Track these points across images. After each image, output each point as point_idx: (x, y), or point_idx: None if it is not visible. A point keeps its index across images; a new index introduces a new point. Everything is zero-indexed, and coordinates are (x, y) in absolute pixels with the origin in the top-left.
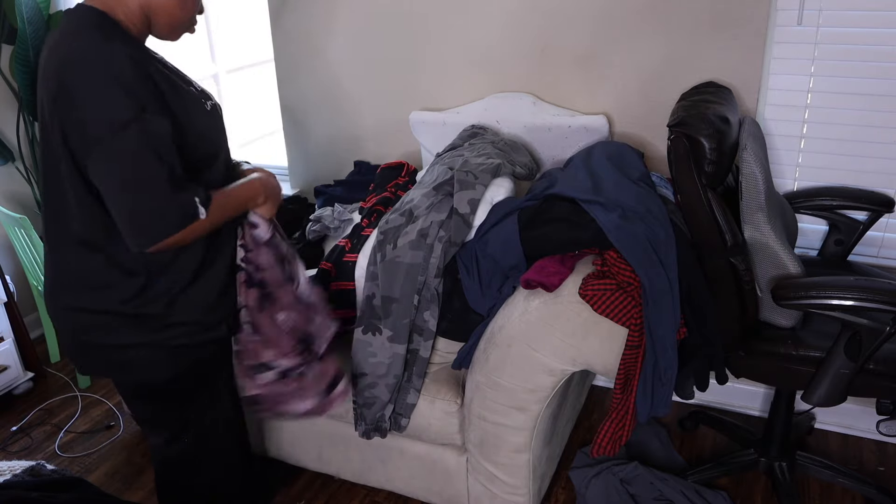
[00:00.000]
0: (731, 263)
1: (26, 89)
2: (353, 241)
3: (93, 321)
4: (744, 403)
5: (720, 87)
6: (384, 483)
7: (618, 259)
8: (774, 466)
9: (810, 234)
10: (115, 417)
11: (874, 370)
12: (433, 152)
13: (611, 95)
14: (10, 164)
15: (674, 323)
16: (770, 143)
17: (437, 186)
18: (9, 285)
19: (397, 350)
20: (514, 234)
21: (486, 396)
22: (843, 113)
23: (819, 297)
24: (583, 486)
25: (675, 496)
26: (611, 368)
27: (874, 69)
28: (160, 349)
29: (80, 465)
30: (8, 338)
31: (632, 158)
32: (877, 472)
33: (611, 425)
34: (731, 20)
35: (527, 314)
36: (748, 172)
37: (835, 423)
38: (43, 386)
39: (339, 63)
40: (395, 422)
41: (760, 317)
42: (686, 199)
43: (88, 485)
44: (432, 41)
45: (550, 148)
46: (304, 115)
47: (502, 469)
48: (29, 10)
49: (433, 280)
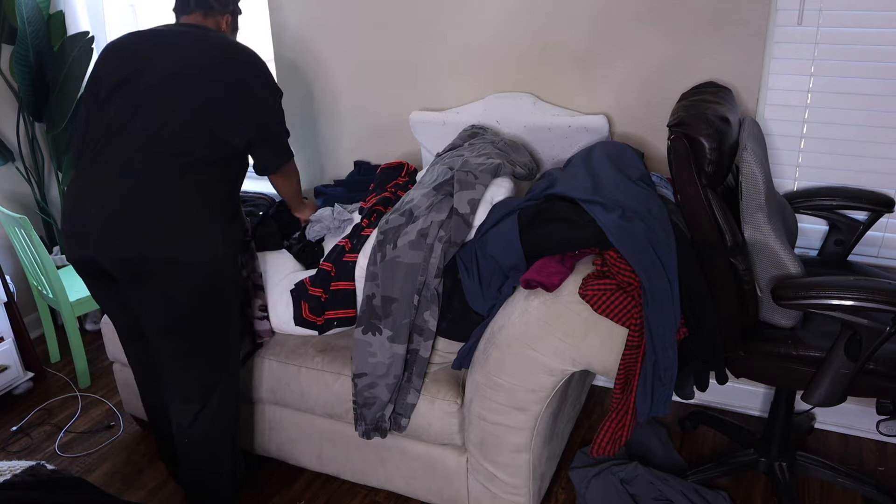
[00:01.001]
0: (731, 263)
1: (26, 89)
2: (353, 241)
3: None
4: (744, 403)
5: (720, 87)
6: (384, 483)
7: (618, 259)
8: (774, 466)
9: (810, 234)
10: (115, 417)
11: (874, 370)
12: (433, 152)
13: (611, 95)
14: (10, 164)
15: (674, 323)
16: (770, 143)
17: (437, 186)
18: (9, 285)
19: (397, 350)
20: (514, 234)
21: (486, 396)
22: (843, 113)
23: (819, 297)
24: (583, 486)
25: (675, 496)
26: (611, 368)
27: (874, 69)
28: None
29: (80, 465)
30: (8, 338)
31: (632, 158)
32: (877, 472)
33: (611, 425)
34: (730, 20)
35: (527, 314)
36: (748, 172)
37: (835, 423)
38: (43, 386)
39: (339, 63)
40: (395, 422)
41: (760, 317)
42: (686, 199)
43: (88, 485)
44: (432, 41)
45: (550, 148)
46: (303, 115)
47: (502, 469)
48: (29, 10)
49: (433, 280)
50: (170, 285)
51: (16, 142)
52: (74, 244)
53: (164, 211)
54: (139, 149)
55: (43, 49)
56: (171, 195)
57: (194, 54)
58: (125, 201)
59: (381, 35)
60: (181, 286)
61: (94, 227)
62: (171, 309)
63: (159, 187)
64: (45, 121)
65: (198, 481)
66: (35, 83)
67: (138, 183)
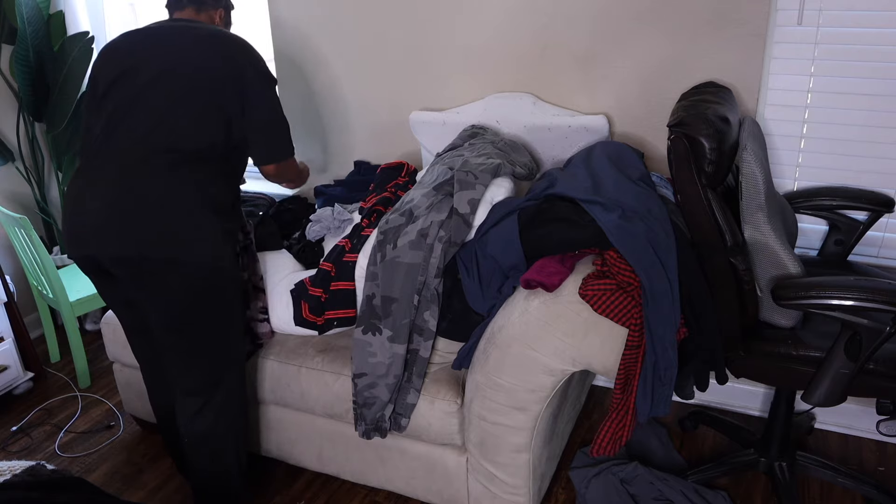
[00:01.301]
0: (731, 263)
1: (26, 89)
2: (353, 241)
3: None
4: (744, 403)
5: (720, 87)
6: (384, 483)
7: (618, 259)
8: (774, 466)
9: (810, 234)
10: (115, 417)
11: (874, 370)
12: (433, 152)
13: (611, 95)
14: (10, 164)
15: (674, 323)
16: (770, 143)
17: (437, 186)
18: (9, 285)
19: (397, 350)
20: (514, 234)
21: (486, 396)
22: (843, 113)
23: (819, 297)
24: (583, 486)
25: (675, 496)
26: (611, 368)
27: (874, 69)
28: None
29: (80, 465)
30: (8, 338)
31: (632, 158)
32: (877, 472)
33: (611, 425)
34: (730, 20)
35: (527, 314)
36: (748, 172)
37: (835, 423)
38: (43, 386)
39: (339, 63)
40: (395, 422)
41: (760, 317)
42: (686, 199)
43: (88, 485)
44: (432, 41)
45: (550, 148)
46: (304, 114)
47: (502, 469)
48: (29, 10)
49: (433, 280)
50: (170, 284)
51: (16, 142)
52: (75, 243)
53: (164, 209)
54: (136, 146)
55: (43, 49)
56: (169, 192)
57: (187, 48)
58: (123, 200)
59: (382, 35)
60: (182, 285)
61: (94, 226)
62: (172, 308)
63: (157, 185)
64: (45, 121)
65: (203, 481)
66: (35, 83)
67: (136, 181)
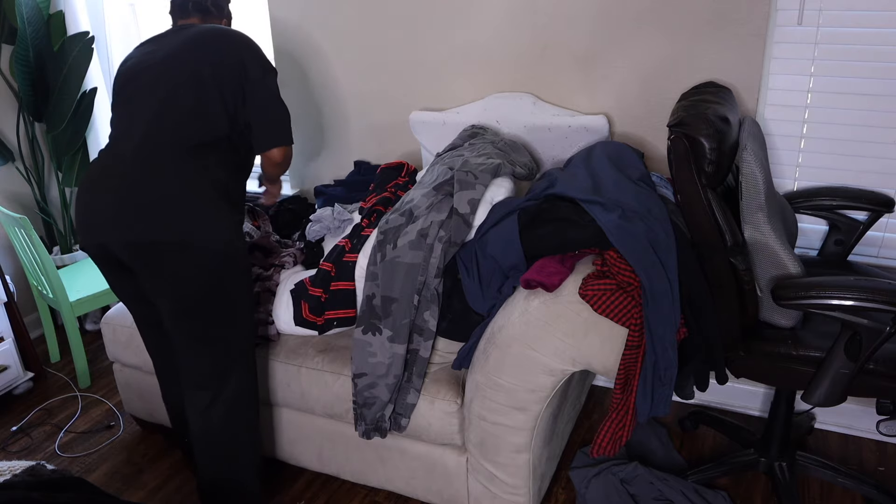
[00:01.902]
0: (731, 263)
1: (26, 89)
2: (353, 241)
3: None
4: (744, 403)
5: (720, 87)
6: (384, 483)
7: (618, 259)
8: (774, 466)
9: (810, 234)
10: (115, 417)
11: (874, 370)
12: (433, 152)
13: (611, 95)
14: (10, 164)
15: (674, 323)
16: (770, 143)
17: (437, 186)
18: (9, 285)
19: (397, 350)
20: (514, 234)
21: (486, 396)
22: (843, 113)
23: (819, 297)
24: (583, 486)
25: (675, 496)
26: (611, 368)
27: (874, 69)
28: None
29: (80, 465)
30: (8, 338)
31: (632, 158)
32: (877, 472)
33: (611, 425)
34: (730, 20)
35: (527, 314)
36: (748, 172)
37: (835, 423)
38: (43, 386)
39: (339, 63)
40: (395, 422)
41: (760, 317)
42: (686, 199)
43: (88, 485)
44: (432, 41)
45: (550, 148)
46: (304, 114)
47: (502, 469)
48: (29, 10)
49: (433, 280)
50: (183, 266)
51: (16, 142)
52: (87, 232)
53: (178, 198)
54: (147, 137)
55: (43, 49)
56: (183, 183)
57: (191, 43)
58: (137, 190)
59: (381, 35)
60: (195, 268)
61: (106, 215)
62: (184, 288)
63: (169, 174)
64: (45, 121)
65: (215, 483)
66: (35, 83)
67: (149, 169)
